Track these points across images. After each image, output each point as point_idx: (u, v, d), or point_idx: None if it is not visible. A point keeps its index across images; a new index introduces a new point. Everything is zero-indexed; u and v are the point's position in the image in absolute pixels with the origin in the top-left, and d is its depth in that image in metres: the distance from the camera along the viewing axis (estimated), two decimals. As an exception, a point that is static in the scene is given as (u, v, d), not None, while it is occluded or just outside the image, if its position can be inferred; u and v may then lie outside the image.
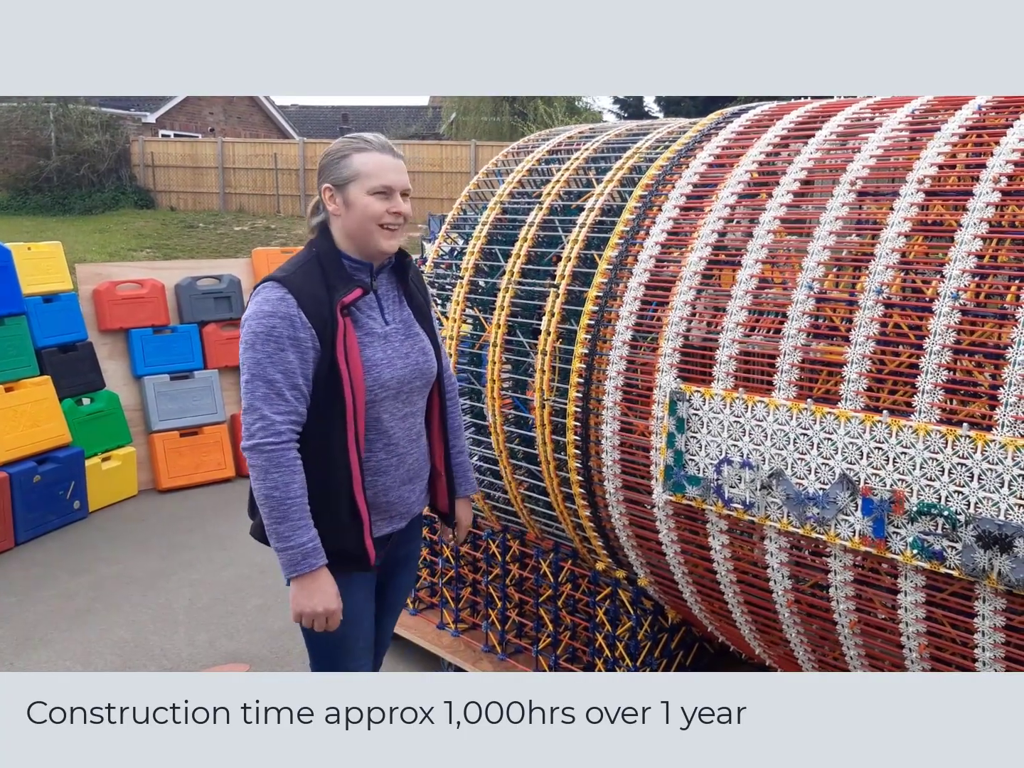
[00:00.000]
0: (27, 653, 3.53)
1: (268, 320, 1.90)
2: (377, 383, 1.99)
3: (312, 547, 1.91)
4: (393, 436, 2.05)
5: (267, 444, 1.88)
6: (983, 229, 1.92)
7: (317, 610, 1.93)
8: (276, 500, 1.89)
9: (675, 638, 2.91)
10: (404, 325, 2.10)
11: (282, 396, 1.90)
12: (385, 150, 2.01)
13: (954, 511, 1.85)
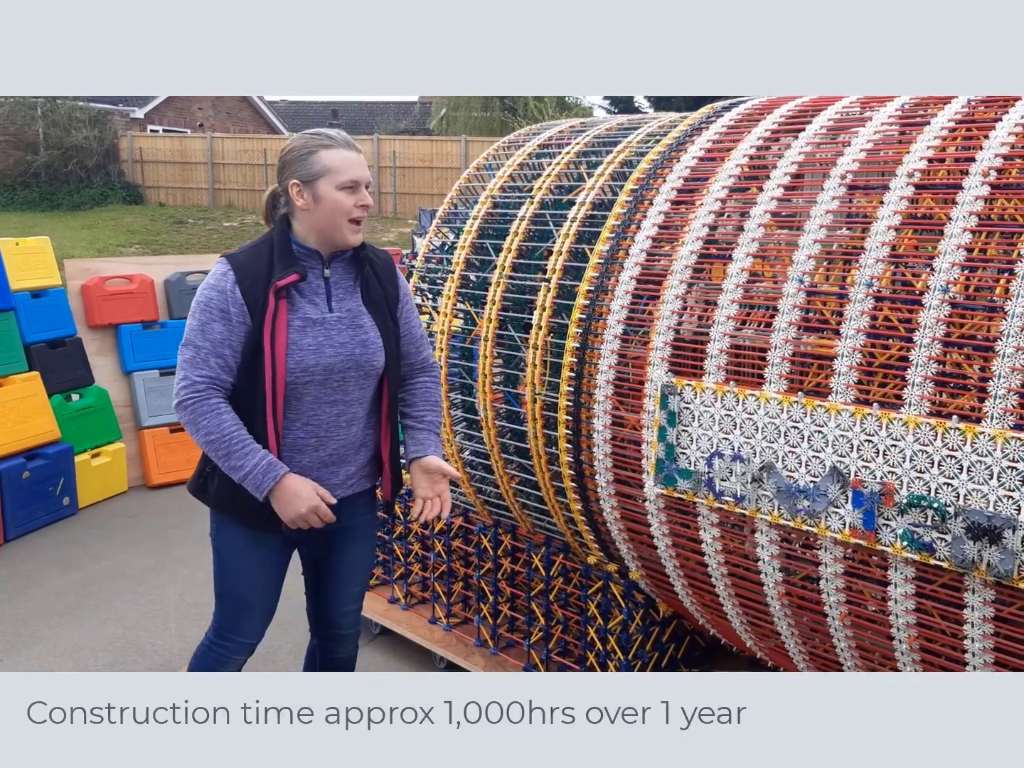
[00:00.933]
0: (17, 650, 3.52)
1: (208, 292, 2.07)
2: (299, 367, 2.08)
3: (267, 463, 2.04)
4: (314, 419, 2.13)
5: (189, 400, 2.05)
6: (972, 223, 1.92)
7: (302, 511, 2.05)
8: (215, 441, 2.04)
9: (667, 631, 2.92)
10: (350, 315, 2.16)
11: (206, 362, 2.05)
12: (349, 146, 2.12)
13: (944, 503, 1.86)
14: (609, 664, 2.85)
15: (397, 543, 3.54)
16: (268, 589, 2.27)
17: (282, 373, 2.06)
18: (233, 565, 2.23)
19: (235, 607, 2.26)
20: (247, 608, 2.26)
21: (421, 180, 18.76)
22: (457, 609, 3.37)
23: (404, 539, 3.51)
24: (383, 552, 3.65)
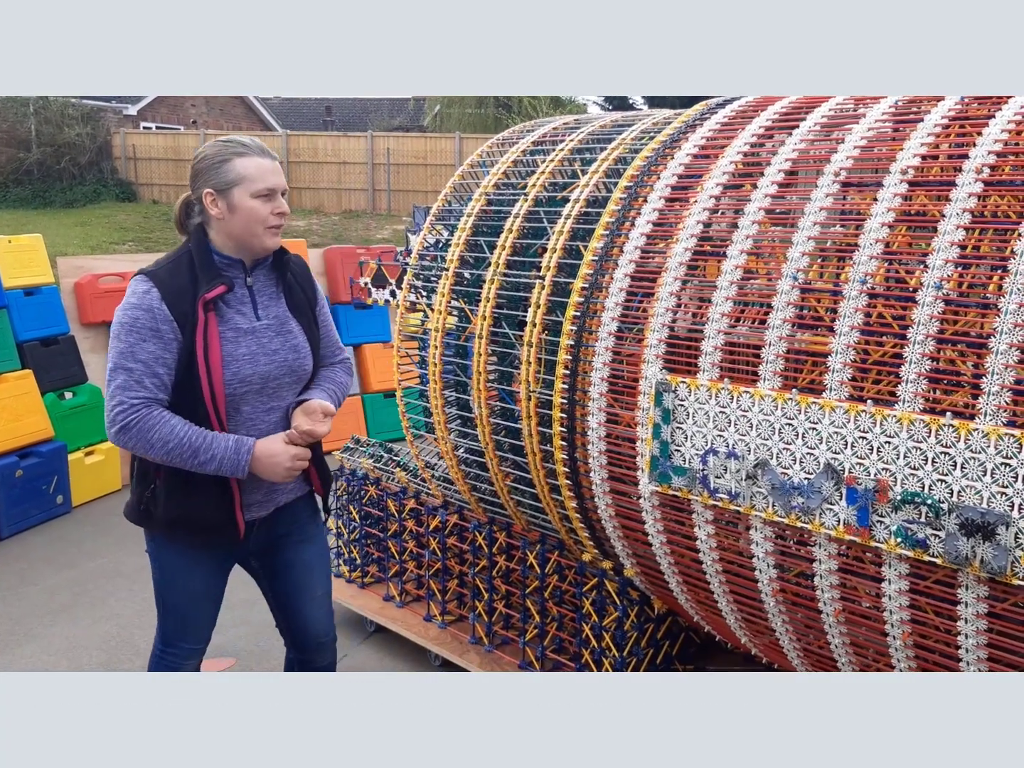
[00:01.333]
0: (11, 649, 3.51)
1: (132, 312, 2.01)
2: (236, 378, 2.06)
3: (234, 442, 2.04)
4: (254, 428, 2.12)
5: (131, 421, 1.98)
6: (966, 219, 1.93)
7: (287, 464, 2.07)
8: (176, 447, 1.99)
9: (661, 628, 2.93)
10: (277, 321, 2.16)
11: (141, 383, 2.00)
12: (264, 153, 2.10)
13: (937, 499, 1.87)
14: (604, 661, 2.86)
15: (392, 540, 3.54)
16: (212, 600, 2.27)
17: (220, 386, 2.04)
18: (177, 582, 2.21)
19: (181, 619, 2.25)
20: (193, 620, 2.26)
21: (415, 177, 18.73)
22: (452, 607, 3.37)
23: (399, 536, 3.51)
24: (377, 550, 3.65)
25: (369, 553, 3.68)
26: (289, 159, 19.03)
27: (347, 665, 3.37)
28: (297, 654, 2.41)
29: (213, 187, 2.06)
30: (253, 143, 2.10)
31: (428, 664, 3.32)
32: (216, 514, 2.10)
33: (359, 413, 6.31)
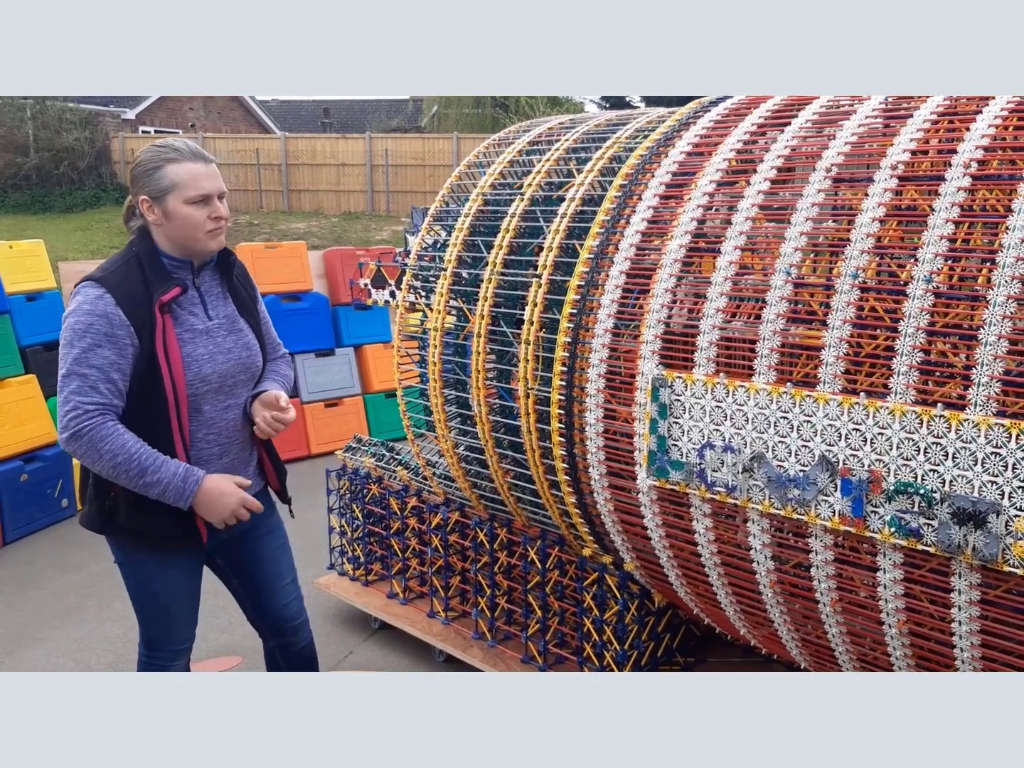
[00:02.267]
0: (19, 652, 3.54)
1: (87, 318, 1.99)
2: (198, 378, 2.09)
3: (184, 470, 2.04)
4: (214, 426, 2.16)
5: (84, 428, 1.97)
6: (955, 213, 1.96)
7: (232, 507, 2.09)
8: (124, 463, 1.98)
9: (662, 621, 2.96)
10: (228, 320, 2.20)
11: (96, 389, 1.99)
12: (196, 158, 2.09)
13: (930, 489, 1.90)
14: (605, 654, 2.89)
15: (395, 538, 3.57)
16: (188, 600, 2.29)
17: (182, 386, 2.06)
18: (150, 588, 2.23)
19: (160, 623, 2.27)
20: (172, 622, 2.28)
21: (413, 178, 18.75)
22: (455, 603, 3.40)
23: (401, 534, 3.54)
24: (381, 548, 3.69)
25: (372, 551, 3.72)
26: (288, 161, 19.07)
27: (352, 662, 3.40)
28: (276, 639, 2.46)
29: (148, 194, 2.08)
30: (187, 148, 2.10)
31: (432, 660, 3.35)
32: (177, 523, 2.11)
33: (361, 413, 6.35)
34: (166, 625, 2.28)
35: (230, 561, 2.36)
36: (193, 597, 2.31)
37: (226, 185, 2.19)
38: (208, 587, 2.37)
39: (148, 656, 2.33)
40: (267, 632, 2.48)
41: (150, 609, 2.25)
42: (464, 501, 3.33)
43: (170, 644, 2.31)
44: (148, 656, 2.33)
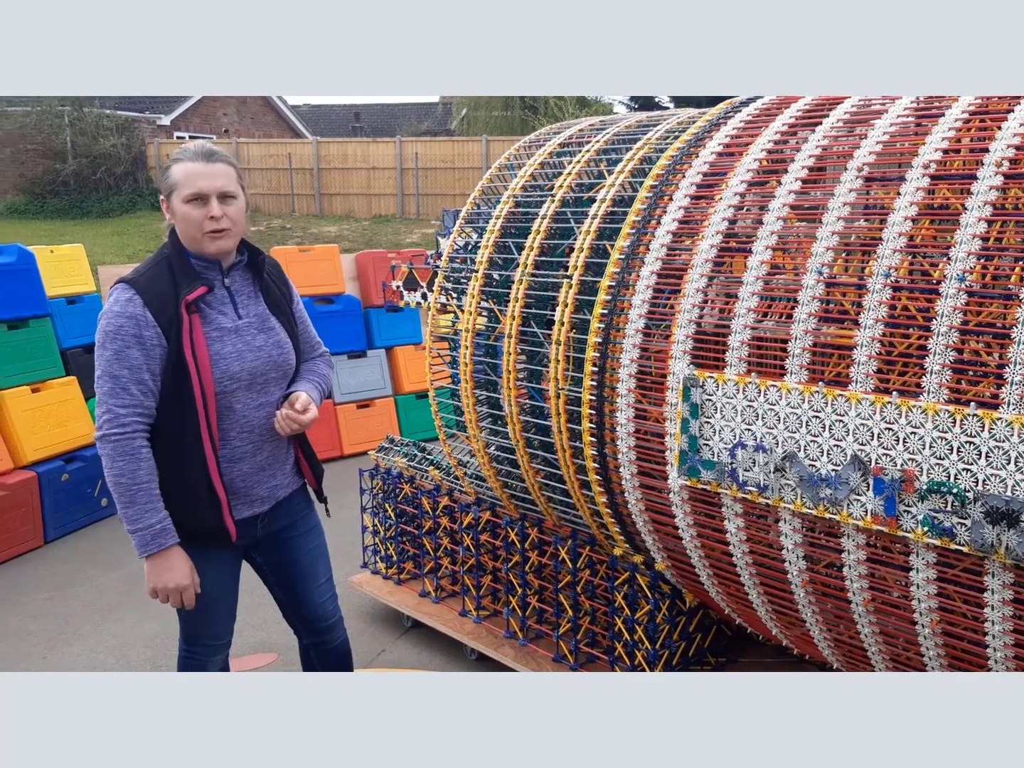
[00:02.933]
0: (60, 647, 3.62)
1: (116, 320, 2.05)
2: (226, 375, 2.13)
3: (161, 528, 2.08)
4: (247, 424, 2.19)
5: (113, 434, 2.04)
6: (987, 212, 1.95)
7: (169, 586, 2.11)
8: (123, 486, 2.05)
9: (693, 621, 2.96)
10: (259, 319, 2.23)
11: (127, 391, 2.05)
12: (198, 157, 2.12)
13: (963, 488, 1.89)
14: (637, 654, 2.90)
15: (427, 537, 3.60)
16: (226, 596, 2.33)
17: (210, 384, 2.10)
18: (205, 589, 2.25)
19: (199, 619, 2.31)
20: (211, 617, 2.32)
21: (443, 181, 18.84)
22: (486, 602, 3.43)
23: (433, 534, 3.57)
24: (413, 547, 3.72)
25: (405, 550, 3.75)
26: (320, 165, 19.24)
27: (385, 660, 3.44)
28: (311, 638, 2.51)
29: (163, 194, 2.17)
30: (195, 148, 2.14)
31: (464, 658, 3.38)
32: (206, 520, 2.16)
33: (392, 414, 6.40)
34: (204, 621, 2.32)
35: (268, 559, 2.40)
36: (231, 593, 2.36)
37: (257, 189, 2.23)
38: (243, 584, 2.42)
39: (188, 652, 2.38)
40: (302, 630, 2.51)
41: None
42: (495, 501, 3.35)
43: (208, 639, 2.36)
44: (188, 652, 2.38)
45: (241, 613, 3.83)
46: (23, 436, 4.63)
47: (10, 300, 4.72)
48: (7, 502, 4.44)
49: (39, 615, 3.90)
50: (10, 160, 20.39)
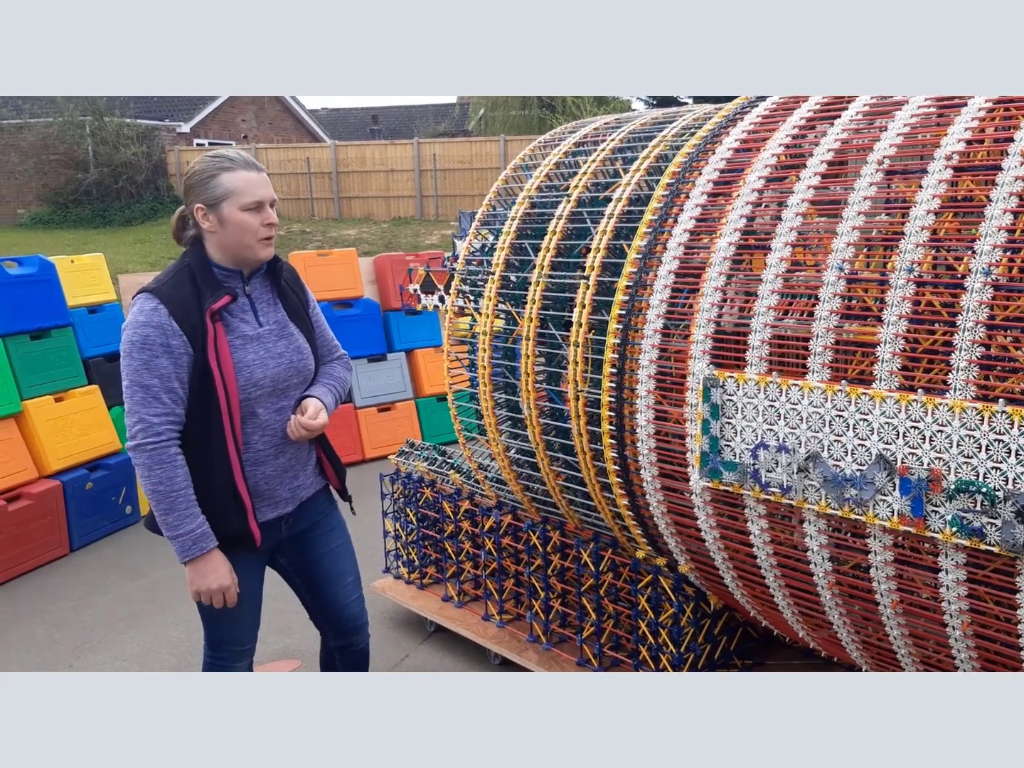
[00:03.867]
0: (85, 656, 3.64)
1: (142, 330, 2.07)
2: (250, 382, 2.16)
3: (200, 532, 2.12)
4: (269, 429, 2.22)
5: (148, 444, 2.07)
6: (1013, 203, 1.90)
7: (212, 587, 2.15)
8: (162, 494, 2.08)
9: (718, 624, 2.92)
10: (278, 326, 2.26)
11: (159, 399, 2.08)
12: (250, 167, 2.17)
13: (992, 487, 1.84)
14: (661, 657, 2.86)
15: (448, 541, 3.59)
16: (250, 600, 2.33)
17: (235, 392, 2.13)
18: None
19: (223, 623, 2.32)
20: (235, 621, 2.33)
21: (462, 182, 18.83)
22: (509, 606, 3.40)
23: (455, 538, 3.56)
24: (435, 551, 3.71)
25: (427, 554, 3.74)
26: (338, 169, 19.30)
27: (409, 665, 3.43)
28: (336, 640, 2.51)
29: (203, 202, 2.14)
30: (240, 157, 2.17)
31: (487, 663, 3.36)
32: (231, 526, 2.18)
33: (413, 417, 6.39)
34: (229, 625, 2.33)
35: (292, 560, 2.41)
36: (255, 598, 2.36)
37: (277, 194, 2.23)
38: (267, 591, 2.41)
39: (212, 657, 2.39)
40: (329, 632, 2.51)
41: (213, 610, 2.29)
42: (516, 504, 3.33)
43: (233, 644, 2.36)
44: (212, 657, 2.39)
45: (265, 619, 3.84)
46: (47, 445, 4.67)
47: (32, 310, 4.76)
48: (32, 511, 4.48)
49: (65, 624, 3.92)
50: (33, 171, 20.62)
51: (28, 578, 4.42)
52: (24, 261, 4.85)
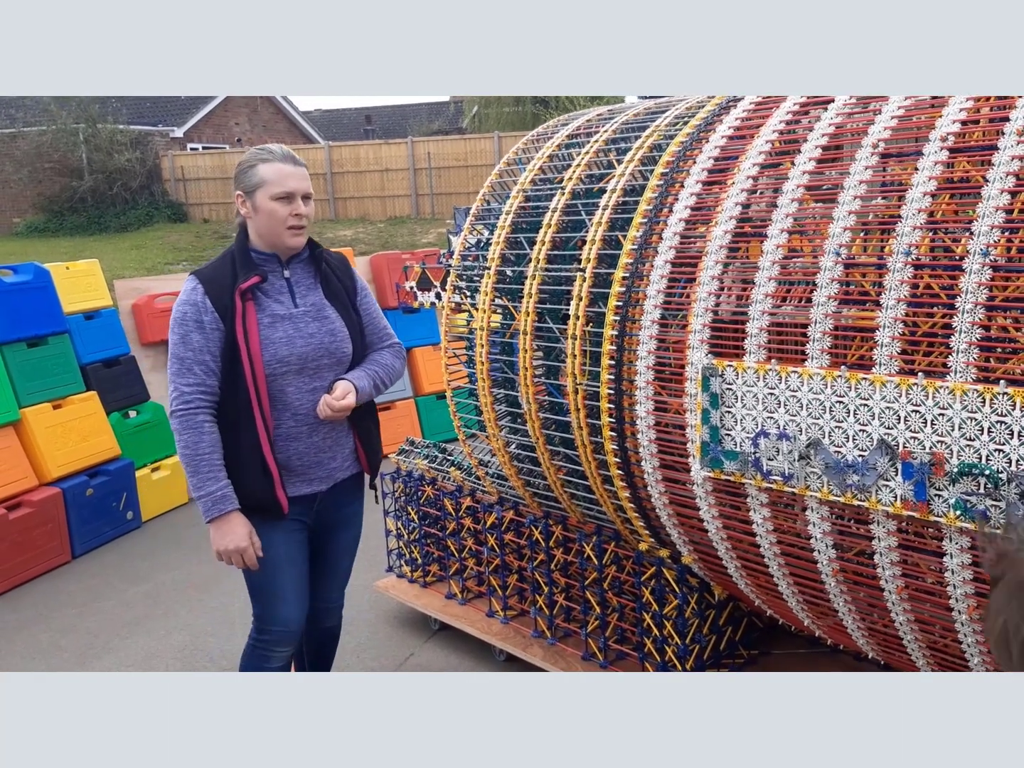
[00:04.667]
0: (90, 661, 3.63)
1: (181, 307, 2.28)
2: (275, 359, 2.27)
3: (221, 495, 2.25)
4: (301, 408, 2.33)
5: (179, 411, 2.25)
6: (1010, 183, 1.89)
7: (229, 547, 2.27)
8: (188, 457, 2.25)
9: (723, 614, 2.91)
10: (315, 308, 2.37)
11: (191, 371, 2.25)
12: (287, 160, 2.31)
13: (995, 470, 1.83)
14: (667, 649, 2.85)
15: (451, 539, 3.57)
16: (292, 567, 2.40)
17: (260, 366, 2.25)
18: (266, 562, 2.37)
19: (266, 595, 2.41)
20: (277, 593, 2.40)
21: (457, 179, 18.81)
22: (513, 602, 3.39)
23: (457, 535, 3.55)
24: (437, 549, 3.70)
25: (429, 552, 3.73)
26: (332, 170, 19.27)
27: (414, 664, 3.42)
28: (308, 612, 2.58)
29: (242, 189, 2.32)
30: (279, 150, 2.32)
31: (493, 659, 3.35)
32: (258, 493, 2.29)
33: (413, 416, 6.38)
34: (269, 598, 2.40)
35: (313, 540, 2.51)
36: (297, 567, 2.42)
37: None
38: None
39: (255, 641, 2.46)
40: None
41: (255, 581, 2.40)
42: (518, 499, 3.32)
43: (277, 624, 2.41)
44: (255, 641, 2.46)
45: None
46: (46, 452, 4.65)
47: (28, 318, 4.74)
48: (33, 519, 4.47)
49: (69, 630, 3.91)
50: (28, 180, 20.61)
51: (31, 585, 4.42)
52: (19, 269, 4.84)
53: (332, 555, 2.56)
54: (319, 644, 2.72)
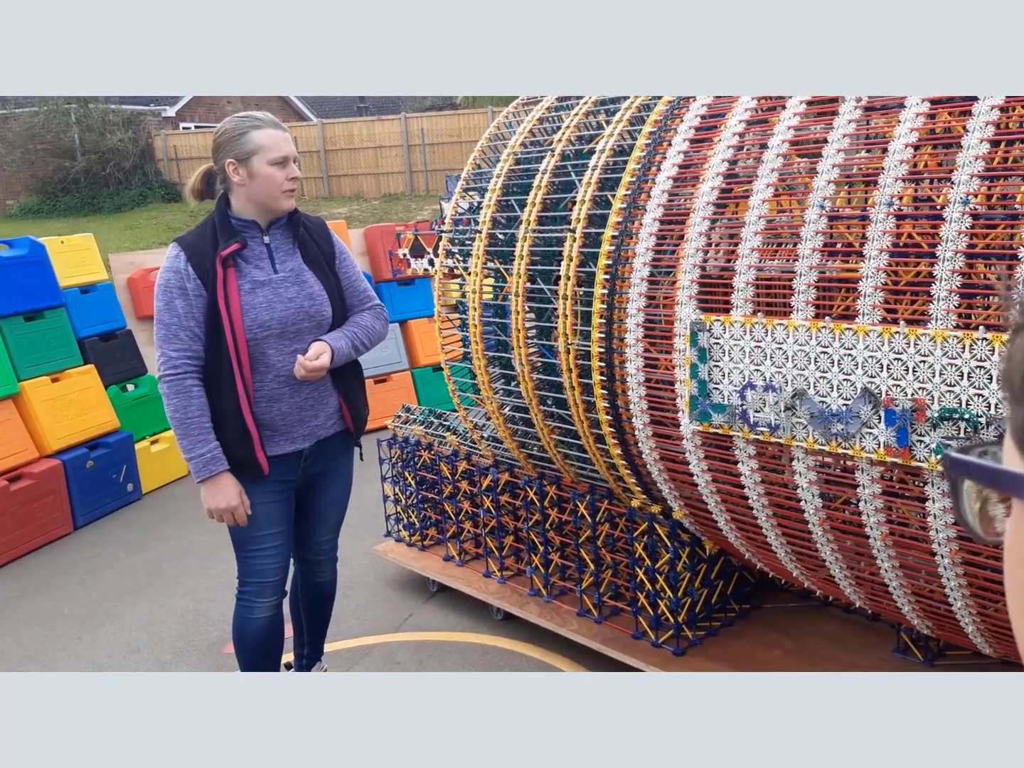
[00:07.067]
0: (94, 627, 3.69)
1: (165, 274, 2.33)
2: (256, 323, 2.32)
3: (211, 456, 2.32)
4: (283, 370, 2.38)
5: (167, 375, 2.31)
6: (989, 132, 1.92)
7: (220, 506, 2.34)
8: (177, 420, 2.31)
9: (714, 569, 2.97)
10: (294, 273, 2.42)
11: (177, 336, 2.31)
12: (276, 126, 2.37)
13: (975, 414, 1.87)
14: (659, 603, 2.91)
15: (447, 502, 3.62)
16: (272, 525, 2.47)
17: (240, 331, 2.30)
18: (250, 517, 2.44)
19: (243, 550, 2.49)
20: (258, 552, 2.47)
21: (451, 155, 18.74)
22: (510, 562, 3.45)
23: (454, 498, 3.59)
24: (435, 513, 3.75)
25: (427, 516, 3.78)
26: (326, 147, 19.19)
27: (413, 624, 3.48)
28: (302, 566, 2.74)
29: (235, 157, 2.33)
30: (266, 117, 2.36)
31: (490, 618, 3.41)
32: (240, 454, 2.36)
33: (410, 387, 6.42)
34: (246, 552, 2.48)
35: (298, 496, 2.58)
36: (278, 525, 2.49)
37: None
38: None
39: (240, 592, 2.54)
40: (296, 555, 2.71)
41: (236, 535, 2.47)
42: (513, 462, 3.36)
43: (255, 576, 2.49)
44: (240, 592, 2.54)
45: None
46: (46, 425, 4.69)
47: (25, 292, 4.76)
48: (35, 491, 4.51)
49: (72, 598, 3.97)
50: (21, 161, 20.48)
51: (34, 556, 4.47)
52: (15, 243, 4.85)
53: (320, 506, 2.63)
54: (311, 601, 2.79)
